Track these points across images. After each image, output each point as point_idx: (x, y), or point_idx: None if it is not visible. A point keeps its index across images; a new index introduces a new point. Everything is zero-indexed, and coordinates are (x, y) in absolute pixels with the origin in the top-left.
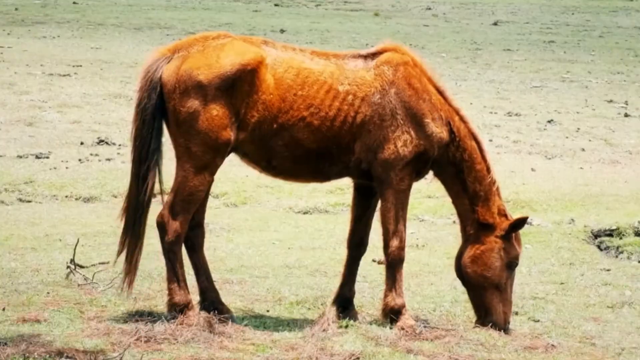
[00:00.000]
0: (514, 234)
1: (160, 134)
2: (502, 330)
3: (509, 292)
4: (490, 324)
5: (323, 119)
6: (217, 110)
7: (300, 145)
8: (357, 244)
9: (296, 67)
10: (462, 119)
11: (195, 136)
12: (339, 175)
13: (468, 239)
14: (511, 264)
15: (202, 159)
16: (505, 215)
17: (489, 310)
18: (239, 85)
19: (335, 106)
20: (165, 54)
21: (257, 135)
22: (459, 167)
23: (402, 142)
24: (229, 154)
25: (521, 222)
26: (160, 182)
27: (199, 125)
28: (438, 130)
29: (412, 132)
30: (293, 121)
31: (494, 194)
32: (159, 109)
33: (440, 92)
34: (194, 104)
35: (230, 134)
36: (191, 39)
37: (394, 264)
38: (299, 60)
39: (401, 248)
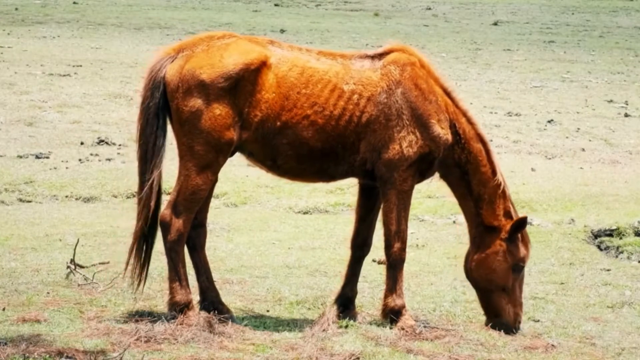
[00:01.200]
0: (520, 236)
1: (164, 133)
2: (513, 331)
3: (518, 292)
4: (500, 326)
5: (327, 117)
6: (219, 110)
7: (304, 144)
8: (360, 245)
9: (300, 66)
10: (469, 120)
11: (198, 135)
12: (344, 175)
13: (474, 242)
14: (516, 266)
15: (204, 158)
16: (512, 217)
17: (498, 312)
18: (242, 85)
19: (340, 105)
20: (170, 53)
21: (260, 134)
22: (464, 169)
23: (407, 143)
24: (233, 153)
25: (521, 223)
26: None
27: (202, 125)
28: (443, 132)
29: (418, 133)
30: (297, 120)
31: (499, 197)
32: (163, 107)
33: (448, 93)
34: (196, 103)
35: (233, 134)
36: (196, 38)
37: (395, 264)
38: (304, 60)
39: (403, 249)
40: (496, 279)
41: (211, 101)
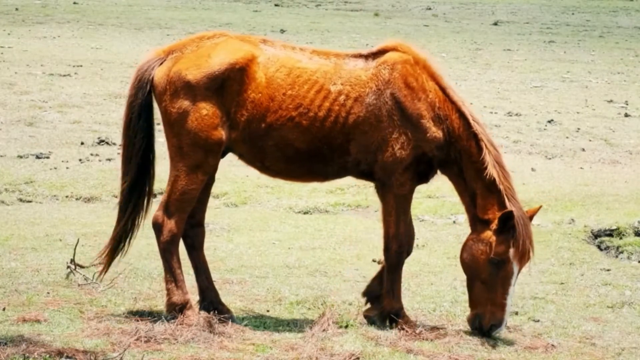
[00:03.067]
0: (512, 233)
1: (150, 133)
2: (484, 331)
3: (500, 292)
4: (473, 320)
5: (312, 119)
6: (206, 110)
7: (290, 146)
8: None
9: (289, 66)
10: (462, 116)
11: (186, 136)
12: (336, 175)
13: (472, 229)
14: (493, 260)
15: (193, 159)
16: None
17: (475, 303)
18: (229, 85)
19: (325, 107)
20: (160, 55)
21: (247, 135)
22: (459, 165)
23: (399, 145)
24: (224, 153)
25: (504, 216)
26: (152, 181)
27: (189, 125)
28: (434, 130)
29: (409, 134)
30: (282, 121)
31: (492, 192)
32: (147, 108)
33: (443, 89)
34: (183, 104)
35: (221, 134)
36: (187, 39)
37: (393, 267)
38: (295, 60)
39: (400, 252)
40: (474, 266)
41: (198, 102)
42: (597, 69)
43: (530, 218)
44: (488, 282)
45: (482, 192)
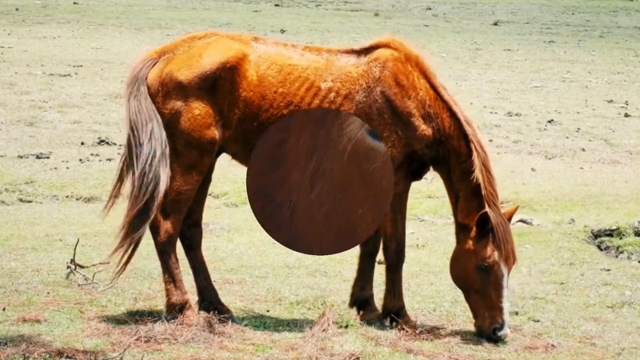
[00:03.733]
0: (491, 236)
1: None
2: (489, 337)
3: (494, 296)
4: (477, 330)
5: None
6: (199, 110)
7: None
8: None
9: (280, 63)
10: (452, 115)
11: (180, 136)
12: None
13: (456, 240)
14: (481, 266)
15: (188, 159)
16: None
17: (474, 314)
18: (221, 84)
19: (315, 104)
20: (152, 56)
21: (240, 133)
22: (448, 164)
23: (390, 143)
24: (219, 153)
25: (481, 218)
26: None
27: (182, 126)
28: (424, 128)
29: (400, 132)
30: (273, 119)
31: (476, 196)
32: (150, 104)
33: (434, 88)
34: (176, 105)
35: (214, 133)
36: (179, 40)
37: (392, 266)
38: (286, 57)
39: (399, 251)
40: (464, 278)
41: (190, 102)
42: (597, 69)
43: (509, 219)
44: (481, 289)
45: (465, 194)
